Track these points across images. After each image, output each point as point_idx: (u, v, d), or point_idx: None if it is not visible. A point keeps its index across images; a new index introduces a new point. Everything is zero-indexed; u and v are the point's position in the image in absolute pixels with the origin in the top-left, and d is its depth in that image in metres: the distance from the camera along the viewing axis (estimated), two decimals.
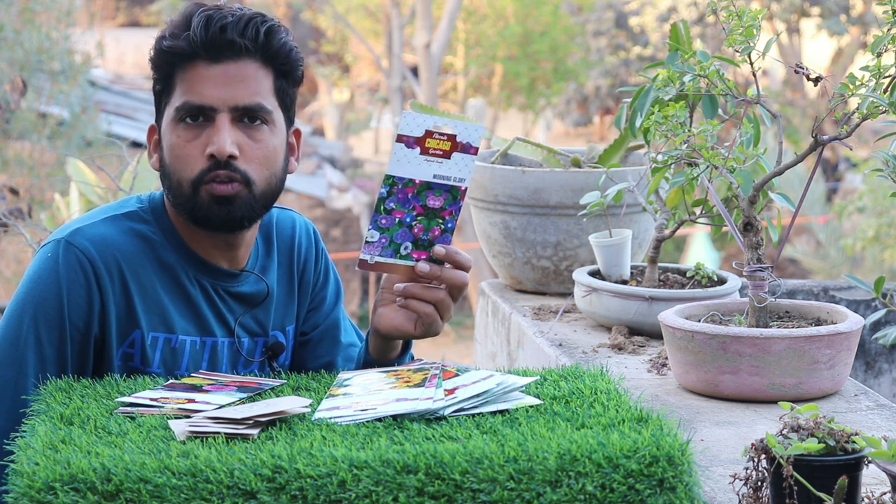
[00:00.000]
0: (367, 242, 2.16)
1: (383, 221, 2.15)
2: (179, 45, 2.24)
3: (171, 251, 2.32)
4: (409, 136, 2.11)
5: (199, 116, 2.25)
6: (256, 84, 2.26)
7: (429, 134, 2.11)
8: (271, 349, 2.42)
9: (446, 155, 2.12)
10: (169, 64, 2.26)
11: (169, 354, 2.30)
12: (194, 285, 2.33)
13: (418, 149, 2.11)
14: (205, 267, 2.34)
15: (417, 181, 2.13)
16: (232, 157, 2.24)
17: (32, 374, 2.22)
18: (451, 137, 2.12)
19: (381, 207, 2.14)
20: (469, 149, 2.13)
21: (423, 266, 2.18)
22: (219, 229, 2.30)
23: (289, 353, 2.46)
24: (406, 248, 2.17)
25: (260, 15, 2.27)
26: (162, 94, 2.30)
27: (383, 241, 2.16)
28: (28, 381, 2.22)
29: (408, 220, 2.15)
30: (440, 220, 2.16)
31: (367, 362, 2.33)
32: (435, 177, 2.13)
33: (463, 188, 2.15)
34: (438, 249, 2.18)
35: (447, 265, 2.20)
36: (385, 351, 2.31)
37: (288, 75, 2.31)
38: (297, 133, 2.39)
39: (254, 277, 2.40)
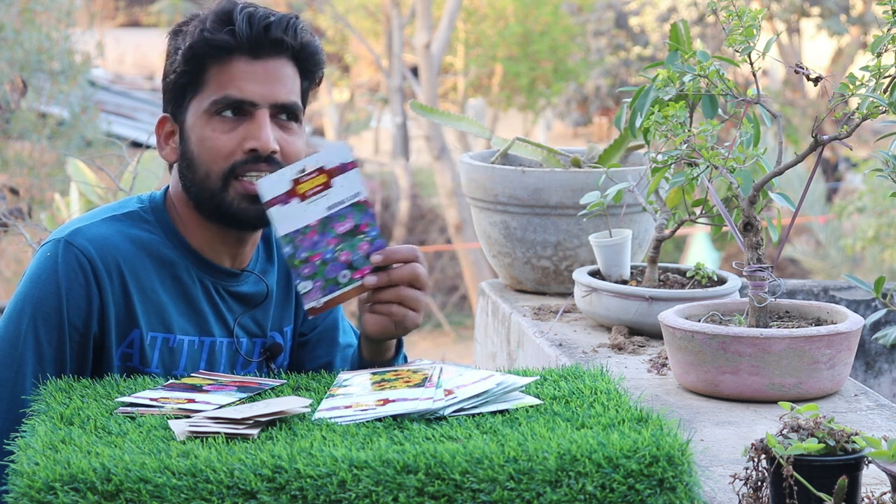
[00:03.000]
0: (303, 294, 2.17)
1: (306, 271, 2.16)
2: (222, 39, 2.27)
3: (172, 250, 2.32)
4: (277, 195, 2.13)
5: (237, 111, 2.28)
6: (292, 83, 2.32)
7: (296, 182, 2.13)
8: (269, 350, 2.42)
9: (327, 185, 2.14)
10: (204, 56, 2.28)
11: (167, 354, 2.30)
12: (195, 284, 2.33)
13: (296, 199, 2.13)
14: (207, 266, 2.35)
15: (314, 223, 2.14)
16: (274, 151, 2.27)
17: (31, 374, 2.22)
18: (320, 170, 2.14)
19: (296, 262, 2.16)
20: (346, 167, 2.15)
21: (370, 279, 2.20)
22: (247, 227, 2.32)
23: (287, 354, 2.47)
24: (345, 277, 2.19)
25: (295, 16, 2.32)
26: (187, 87, 2.31)
27: (318, 283, 2.18)
28: (27, 381, 2.22)
29: (328, 256, 2.16)
30: (361, 235, 2.17)
31: (361, 365, 2.34)
32: (329, 208, 2.14)
33: (362, 199, 2.16)
34: (375, 258, 2.20)
35: (394, 266, 2.21)
36: (377, 353, 2.32)
37: (312, 77, 2.36)
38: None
39: (254, 278, 2.40)
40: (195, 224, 2.33)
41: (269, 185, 2.14)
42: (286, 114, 2.31)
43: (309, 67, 2.34)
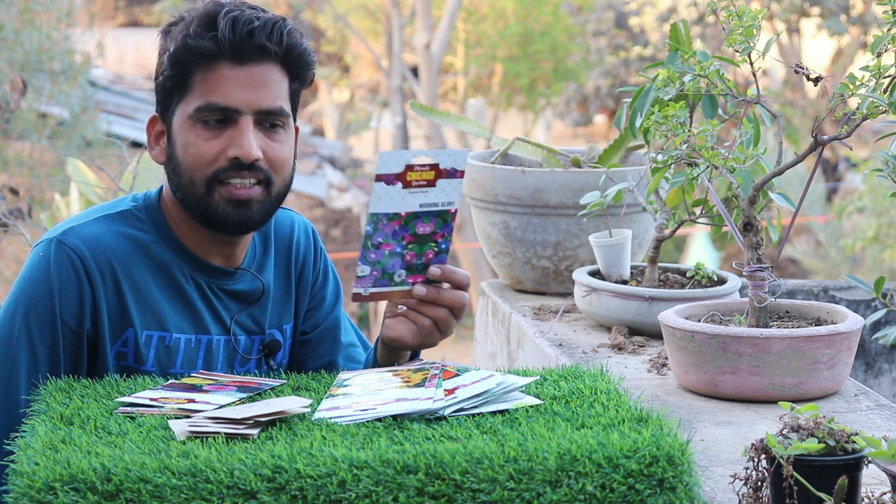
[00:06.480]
0: (358, 277, 2.17)
1: (372, 256, 2.16)
2: (205, 45, 2.25)
3: (165, 250, 2.32)
4: (389, 173, 2.11)
5: (220, 117, 2.26)
6: (277, 87, 2.29)
7: (409, 168, 2.11)
8: (267, 347, 2.42)
9: (431, 183, 2.13)
10: (189, 62, 2.26)
11: (163, 352, 2.30)
12: (189, 283, 2.34)
13: (400, 184, 2.12)
14: (200, 265, 2.35)
15: (403, 213, 2.13)
16: (257, 159, 2.26)
17: (25, 373, 2.23)
18: (434, 166, 2.13)
19: (369, 243, 2.15)
20: (455, 173, 2.14)
21: (420, 289, 2.21)
22: (233, 231, 2.31)
23: (286, 351, 2.47)
24: (400, 276, 2.19)
25: (281, 19, 2.29)
26: (174, 91, 2.30)
27: (375, 273, 2.17)
28: (20, 380, 2.23)
29: (398, 249, 2.16)
30: (433, 244, 2.18)
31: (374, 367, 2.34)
32: (421, 206, 2.14)
33: (452, 210, 2.16)
34: (434, 270, 2.20)
35: (445, 285, 2.22)
36: (392, 359, 2.33)
37: (302, 79, 2.34)
38: (296, 131, 2.40)
39: (250, 275, 2.40)
40: (186, 224, 2.34)
41: (387, 160, 2.11)
42: (271, 119, 2.29)
43: (297, 70, 2.31)
